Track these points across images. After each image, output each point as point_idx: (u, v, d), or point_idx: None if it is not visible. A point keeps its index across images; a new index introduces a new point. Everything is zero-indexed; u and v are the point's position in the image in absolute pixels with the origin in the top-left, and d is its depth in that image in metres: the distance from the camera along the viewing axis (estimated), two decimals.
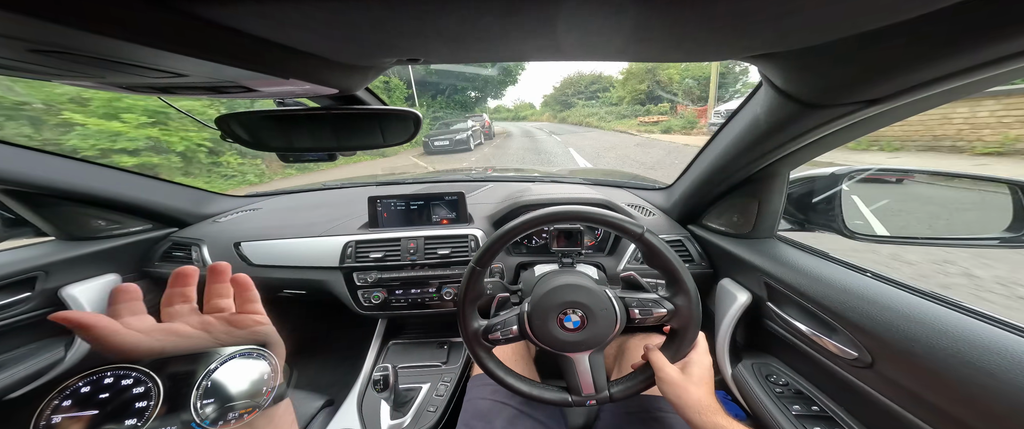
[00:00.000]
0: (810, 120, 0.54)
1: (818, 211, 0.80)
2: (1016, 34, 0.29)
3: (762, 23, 0.33)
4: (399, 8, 0.28)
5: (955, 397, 0.45)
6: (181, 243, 1.13)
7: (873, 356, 0.54)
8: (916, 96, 0.41)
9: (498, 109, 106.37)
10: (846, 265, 0.68)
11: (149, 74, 0.34)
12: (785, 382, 0.74)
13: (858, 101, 0.46)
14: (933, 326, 0.49)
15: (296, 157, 0.66)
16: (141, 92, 0.45)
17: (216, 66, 0.33)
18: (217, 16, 0.28)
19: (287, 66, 0.38)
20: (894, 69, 0.39)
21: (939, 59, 0.35)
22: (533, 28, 0.33)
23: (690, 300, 0.58)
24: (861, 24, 0.33)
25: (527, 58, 0.43)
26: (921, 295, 0.55)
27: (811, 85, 0.48)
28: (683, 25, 0.33)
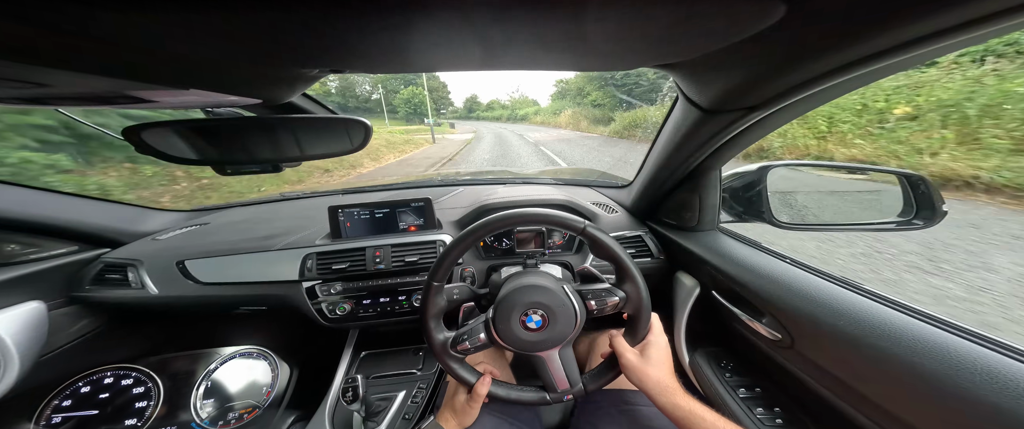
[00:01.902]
0: (712, 124, 0.60)
1: (751, 203, 0.89)
2: (828, 52, 0.35)
3: (657, 36, 0.36)
4: (289, 22, 0.27)
5: (853, 372, 0.50)
6: (115, 264, 1.03)
7: (792, 337, 0.60)
8: (783, 102, 0.48)
9: (491, 105, 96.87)
10: (771, 253, 0.76)
11: (3, 84, 0.28)
12: (732, 366, 0.80)
13: (741, 107, 0.52)
14: (834, 308, 0.55)
15: (234, 169, 0.62)
16: (5, 103, 0.38)
17: (82, 77, 0.28)
18: (70, 26, 0.23)
19: (182, 76, 0.34)
20: (759, 79, 0.45)
21: (785, 72, 0.41)
22: (442, 41, 0.34)
23: (637, 285, 0.61)
24: (719, 40, 0.38)
25: (442, 69, 0.44)
26: (829, 279, 0.62)
27: (706, 93, 0.53)
28: (595, 37, 0.35)
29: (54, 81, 0.29)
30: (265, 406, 0.91)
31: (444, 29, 0.31)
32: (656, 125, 0.83)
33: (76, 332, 1.03)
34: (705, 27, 0.34)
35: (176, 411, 0.87)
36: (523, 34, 0.33)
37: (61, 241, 1.01)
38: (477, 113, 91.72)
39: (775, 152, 5.78)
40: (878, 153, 4.65)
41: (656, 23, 0.33)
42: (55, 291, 0.98)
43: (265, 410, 0.90)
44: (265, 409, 0.90)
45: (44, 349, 0.93)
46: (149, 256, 1.03)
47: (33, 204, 0.95)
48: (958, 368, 0.41)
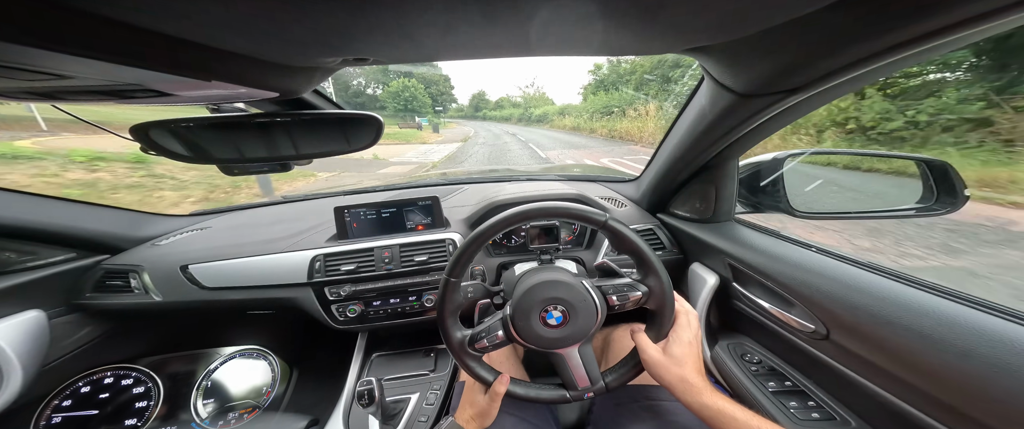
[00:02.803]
0: (745, 109, 0.58)
1: (767, 193, 0.87)
2: (903, 25, 0.33)
3: (698, 17, 0.34)
4: (330, 3, 0.25)
5: (895, 358, 0.49)
6: (116, 271, 1.00)
7: (828, 327, 0.58)
8: (829, 83, 0.46)
9: (500, 103, 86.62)
10: (795, 242, 0.74)
11: (20, 75, 0.27)
12: (759, 359, 0.77)
13: (781, 90, 0.50)
14: (874, 295, 0.53)
15: (241, 169, 0.59)
16: (15, 98, 0.36)
17: (110, 66, 0.27)
18: (107, 10, 0.23)
19: (207, 67, 0.33)
20: (809, 58, 0.43)
21: (845, 48, 0.39)
22: (475, 24, 0.32)
23: (660, 279, 0.59)
24: (780, 15, 0.36)
25: (476, 56, 0.42)
26: (862, 266, 0.60)
27: (742, 77, 0.52)
28: (626, 21, 0.34)
29: (77, 71, 0.27)
30: (265, 406, 0.91)
31: (485, 11, 0.29)
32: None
33: (79, 340, 1.01)
34: (759, 4, 0.32)
35: (176, 411, 0.87)
36: (565, 15, 0.31)
37: (58, 248, 0.98)
38: (484, 112, 78.83)
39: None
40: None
41: (699, 4, 0.31)
42: (55, 299, 0.96)
43: (265, 410, 0.90)
44: (265, 409, 0.90)
45: (47, 358, 0.91)
46: (151, 261, 1.00)
47: (26, 210, 0.92)
48: (1013, 351, 0.39)
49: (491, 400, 0.61)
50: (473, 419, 0.62)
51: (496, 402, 0.62)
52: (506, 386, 0.61)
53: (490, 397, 0.61)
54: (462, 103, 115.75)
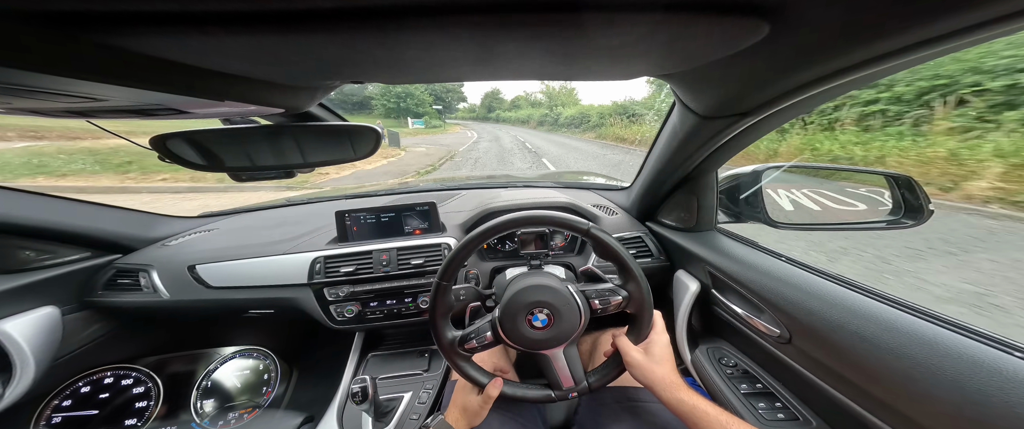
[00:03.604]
0: (707, 130, 0.63)
1: (748, 204, 0.91)
2: (812, 63, 0.38)
3: (652, 50, 0.39)
4: (325, 40, 0.30)
5: (843, 360, 0.52)
6: (126, 270, 1.05)
7: (790, 332, 0.62)
8: (773, 109, 0.51)
9: (516, 102, 73.42)
10: (768, 252, 0.78)
11: (59, 99, 0.32)
12: (734, 363, 0.81)
13: (734, 114, 0.55)
14: (828, 301, 0.57)
15: (249, 176, 0.64)
16: (54, 116, 0.42)
17: (137, 91, 0.32)
18: (136, 46, 0.27)
19: (220, 89, 0.38)
20: (749, 88, 0.48)
21: (772, 82, 0.44)
22: (457, 56, 0.36)
23: (639, 284, 0.63)
24: (710, 53, 0.41)
25: (457, 79, 0.47)
26: (823, 276, 0.64)
27: (701, 101, 0.57)
28: (595, 48, 0.37)
29: (109, 95, 0.32)
30: (265, 406, 0.92)
31: (456, 43, 0.34)
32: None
33: (88, 336, 1.05)
34: (699, 42, 0.37)
35: (176, 411, 0.89)
36: (535, 47, 0.36)
37: (74, 247, 1.03)
38: (498, 112, 70.10)
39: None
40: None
41: (655, 39, 0.35)
42: (69, 296, 1.00)
43: (265, 410, 0.91)
44: (265, 409, 0.91)
45: (58, 353, 0.95)
46: (160, 261, 1.05)
47: (47, 211, 0.97)
48: (945, 357, 0.43)
49: (484, 402, 0.64)
50: (462, 418, 0.65)
51: (488, 404, 0.64)
52: (499, 389, 0.64)
53: (483, 399, 0.64)
54: (474, 102, 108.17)
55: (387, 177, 8.32)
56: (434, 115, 50.86)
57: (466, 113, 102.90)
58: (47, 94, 0.30)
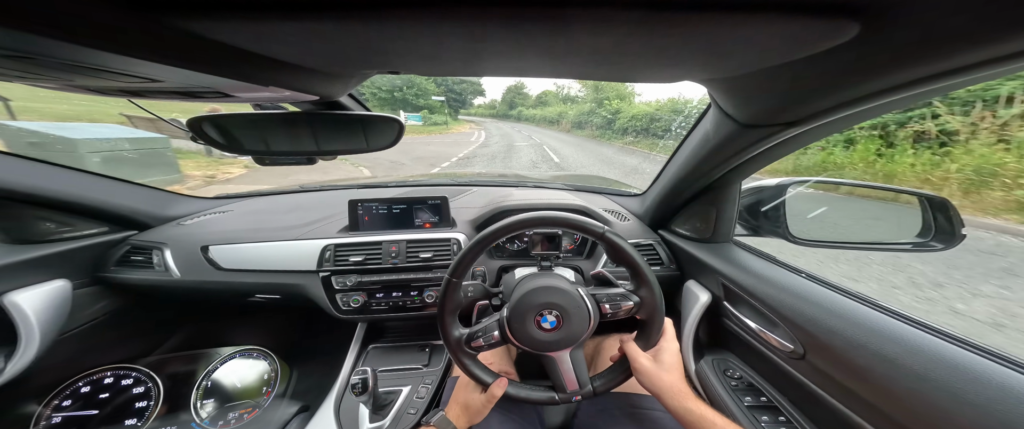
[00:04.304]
0: (745, 138, 0.62)
1: (768, 218, 0.89)
2: (898, 69, 0.35)
3: (708, 52, 0.37)
4: (376, 28, 0.30)
5: (866, 383, 0.51)
6: (141, 247, 1.07)
7: (805, 348, 0.61)
8: (825, 119, 0.49)
9: (543, 98, 58.00)
10: (786, 267, 0.77)
11: (120, 78, 0.34)
12: (739, 375, 0.81)
13: (780, 123, 0.53)
14: (850, 320, 0.56)
15: (272, 161, 0.65)
16: (109, 94, 0.44)
17: (193, 74, 0.33)
18: (200, 29, 0.29)
19: (267, 74, 0.39)
20: (807, 96, 0.46)
21: (840, 89, 0.42)
22: (501, 50, 0.36)
23: (652, 291, 0.62)
24: (776, 57, 0.39)
25: (496, 74, 0.46)
26: (844, 294, 0.63)
27: (744, 108, 0.55)
28: (640, 53, 0.37)
29: (167, 77, 0.34)
30: (265, 406, 0.91)
31: (514, 40, 0.33)
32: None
33: (95, 312, 1.06)
34: (764, 45, 0.35)
35: (176, 411, 0.87)
36: (585, 45, 0.35)
37: (93, 221, 1.05)
38: (520, 110, 58.88)
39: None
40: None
41: (711, 40, 0.34)
42: (82, 271, 1.02)
43: (265, 410, 0.90)
44: (265, 409, 0.90)
45: (64, 328, 0.96)
46: (174, 240, 1.06)
47: (70, 184, 0.99)
48: (970, 382, 0.42)
49: (488, 401, 0.64)
50: (463, 415, 0.64)
51: (491, 403, 0.64)
52: (504, 389, 0.64)
53: (487, 398, 0.63)
54: (495, 98, 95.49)
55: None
56: (438, 109, 40.81)
57: (485, 109, 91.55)
58: (113, 74, 0.32)
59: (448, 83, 55.01)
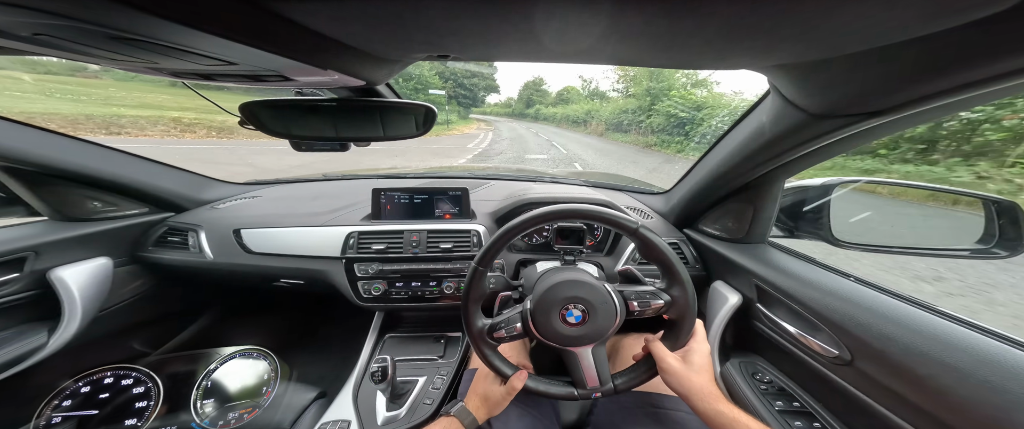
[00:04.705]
0: (814, 130, 0.57)
1: (807, 219, 0.84)
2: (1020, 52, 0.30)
3: (782, 37, 0.34)
4: (438, 7, 0.30)
5: (925, 391, 0.48)
6: (178, 228, 1.12)
7: (853, 354, 0.58)
8: (918, 109, 0.44)
9: (564, 94, 50.04)
10: (832, 270, 0.72)
11: (203, 61, 0.35)
12: (769, 379, 0.78)
13: (862, 113, 0.48)
14: (908, 326, 0.52)
15: (308, 146, 0.66)
16: (185, 77, 0.46)
17: (268, 56, 0.34)
18: (288, 10, 0.30)
19: (329, 57, 0.40)
20: (899, 82, 0.41)
21: (944, 73, 0.37)
22: (566, 32, 0.35)
23: (685, 290, 0.60)
24: (874, 40, 0.35)
25: (554, 60, 0.45)
26: (900, 298, 0.59)
27: (819, 96, 0.50)
28: (708, 36, 0.34)
29: (243, 58, 0.35)
30: (265, 406, 0.91)
31: (581, 23, 0.32)
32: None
33: (134, 290, 1.12)
34: (875, 23, 0.31)
35: (176, 411, 0.87)
36: (656, 32, 0.33)
37: (136, 202, 1.11)
38: (537, 108, 50.88)
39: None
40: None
41: (799, 18, 0.30)
42: (122, 249, 1.07)
43: (265, 410, 0.90)
44: (265, 409, 0.90)
45: (104, 304, 1.01)
46: (209, 222, 1.11)
47: (118, 165, 1.05)
48: None
49: (508, 393, 0.63)
50: (483, 406, 0.64)
51: (511, 395, 0.63)
52: (524, 382, 0.63)
53: (507, 390, 0.63)
54: (511, 95, 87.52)
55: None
56: (440, 104, 36.00)
57: (501, 108, 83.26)
58: (198, 55, 0.33)
59: (456, 77, 50.44)
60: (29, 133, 0.86)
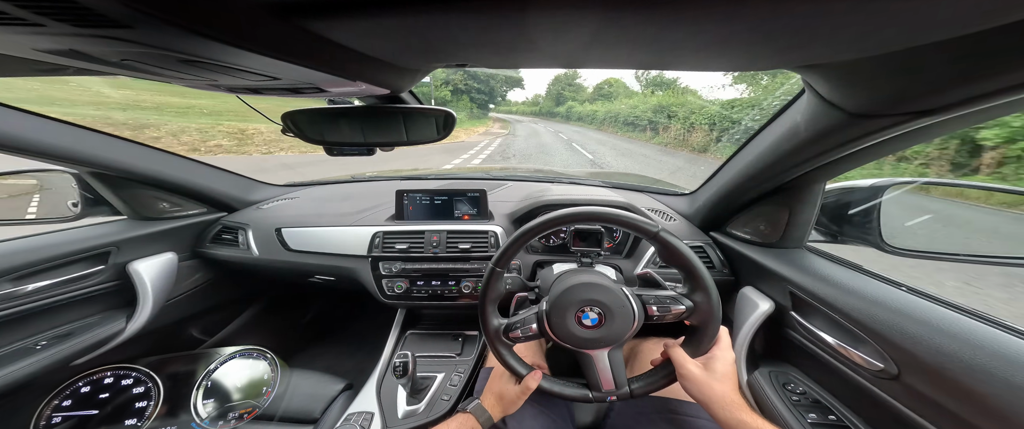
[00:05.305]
0: (854, 130, 0.53)
1: (854, 224, 0.77)
2: None
3: (817, 33, 0.32)
4: (462, 19, 0.31)
5: (985, 411, 0.44)
6: (230, 227, 1.24)
7: (900, 368, 0.53)
8: (972, 108, 0.39)
9: (605, 88, 40.81)
10: (880, 278, 0.66)
11: (252, 77, 0.39)
12: (803, 391, 0.73)
13: (908, 112, 0.44)
14: (968, 341, 0.47)
15: (339, 151, 0.71)
16: (237, 92, 0.51)
17: (306, 70, 0.37)
18: (320, 28, 0.33)
19: (356, 69, 0.43)
20: (952, 80, 0.37)
21: (1003, 72, 0.34)
22: (584, 39, 0.35)
23: (709, 296, 0.58)
24: (921, 36, 0.32)
25: (574, 66, 0.45)
26: (957, 310, 0.53)
27: (859, 95, 0.47)
28: (737, 34, 0.33)
29: (285, 74, 0.39)
30: (265, 406, 0.92)
31: (600, 28, 0.32)
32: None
33: (195, 282, 1.25)
34: (920, 19, 0.29)
35: (176, 411, 0.88)
36: (681, 34, 0.32)
37: (197, 203, 1.25)
38: (569, 105, 43.66)
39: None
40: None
41: (837, 16, 0.29)
42: (185, 245, 1.21)
43: (265, 410, 0.91)
44: (265, 409, 0.91)
45: (170, 294, 1.14)
46: (255, 222, 1.22)
47: (182, 170, 1.18)
48: None
49: (522, 392, 0.64)
50: (498, 405, 0.65)
51: (526, 395, 0.64)
52: (538, 382, 0.64)
53: (522, 389, 0.64)
54: (538, 93, 79.77)
55: None
56: (448, 101, 31.72)
57: (527, 107, 75.94)
58: (248, 73, 0.37)
59: (470, 71, 36.77)
60: (110, 142, 0.99)
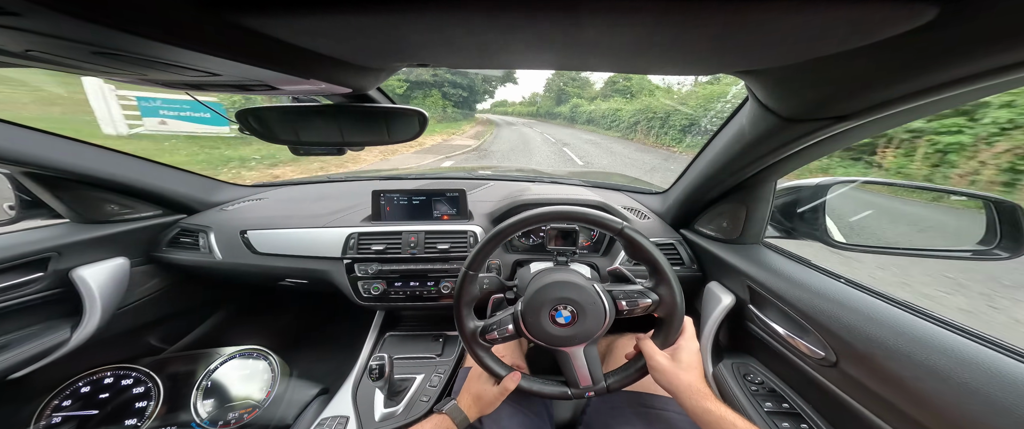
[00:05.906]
0: (787, 133, 0.58)
1: (804, 220, 0.84)
2: (977, 56, 0.32)
3: (749, 41, 0.35)
4: (411, 19, 0.31)
5: (907, 394, 0.48)
6: (189, 230, 1.17)
7: (837, 355, 0.58)
8: (882, 114, 0.45)
9: (627, 86, 32.28)
10: (823, 271, 0.72)
11: (187, 73, 0.37)
12: (761, 381, 0.78)
13: (830, 117, 0.49)
14: (893, 329, 0.52)
15: (306, 150, 0.69)
16: (175, 88, 0.48)
17: (247, 67, 0.36)
18: (256, 24, 0.31)
19: (308, 67, 0.41)
20: (862, 88, 0.42)
21: (903, 80, 0.38)
22: (533, 42, 0.36)
23: (672, 289, 0.60)
24: (832, 46, 0.36)
25: (525, 67, 0.46)
26: (886, 300, 0.59)
27: (788, 101, 0.51)
28: (681, 40, 0.35)
29: (226, 71, 0.37)
30: (265, 406, 0.92)
31: (546, 32, 0.33)
32: None
33: (149, 289, 1.17)
34: (817, 34, 0.32)
35: (176, 411, 0.88)
36: (626, 38, 0.34)
37: (150, 205, 1.16)
38: (574, 103, 37.56)
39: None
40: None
41: (753, 28, 0.32)
42: (138, 250, 1.12)
43: (265, 410, 0.91)
44: (265, 409, 0.91)
45: (122, 302, 1.06)
46: (218, 224, 1.15)
47: (133, 169, 1.10)
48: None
49: (501, 393, 0.64)
50: (475, 405, 0.65)
51: (504, 396, 0.65)
52: (517, 383, 0.64)
53: (500, 390, 0.64)
54: (536, 91, 73.11)
55: None
56: (418, 100, 25.64)
57: (523, 109, 68.95)
58: (180, 68, 0.35)
59: (464, 74, 32.78)
60: (47, 140, 0.90)
